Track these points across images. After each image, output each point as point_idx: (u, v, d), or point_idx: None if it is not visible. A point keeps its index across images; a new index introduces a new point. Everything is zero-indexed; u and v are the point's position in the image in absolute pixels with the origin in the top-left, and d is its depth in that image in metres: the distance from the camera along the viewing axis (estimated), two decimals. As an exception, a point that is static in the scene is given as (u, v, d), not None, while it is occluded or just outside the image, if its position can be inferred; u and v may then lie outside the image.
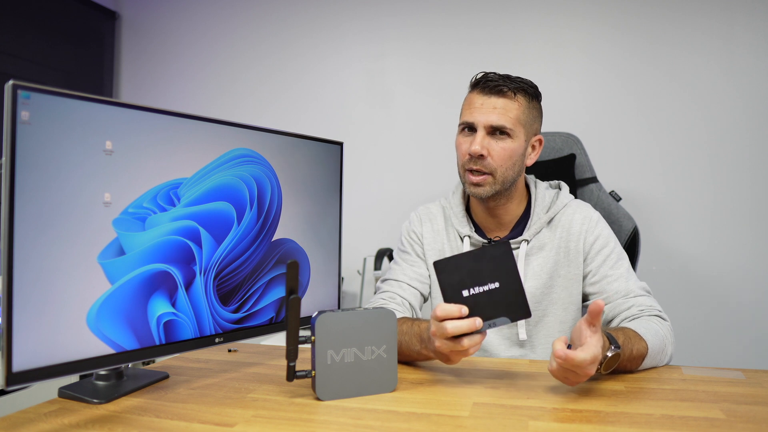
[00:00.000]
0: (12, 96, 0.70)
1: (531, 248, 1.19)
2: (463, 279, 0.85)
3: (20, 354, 0.71)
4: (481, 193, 1.15)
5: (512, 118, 1.13)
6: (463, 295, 0.85)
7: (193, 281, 0.94)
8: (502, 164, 1.14)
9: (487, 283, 0.85)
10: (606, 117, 2.24)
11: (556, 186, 1.30)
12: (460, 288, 0.85)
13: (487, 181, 1.14)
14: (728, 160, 2.13)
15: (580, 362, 0.79)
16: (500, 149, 1.13)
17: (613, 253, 1.17)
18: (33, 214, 0.73)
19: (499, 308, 0.86)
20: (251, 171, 1.03)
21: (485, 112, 1.13)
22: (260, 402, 0.84)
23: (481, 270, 0.86)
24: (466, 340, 0.85)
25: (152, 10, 2.80)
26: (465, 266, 0.85)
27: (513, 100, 1.13)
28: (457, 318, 0.84)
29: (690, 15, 2.15)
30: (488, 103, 1.13)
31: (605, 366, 0.88)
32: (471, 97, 1.17)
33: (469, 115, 1.14)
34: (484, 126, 1.13)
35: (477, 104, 1.14)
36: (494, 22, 2.35)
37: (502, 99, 1.13)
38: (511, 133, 1.13)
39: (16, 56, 2.42)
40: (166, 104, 1.41)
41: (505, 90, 1.13)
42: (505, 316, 0.86)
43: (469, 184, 1.16)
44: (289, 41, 2.61)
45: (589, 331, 0.83)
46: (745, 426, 0.73)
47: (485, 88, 1.14)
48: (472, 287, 0.85)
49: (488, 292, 0.85)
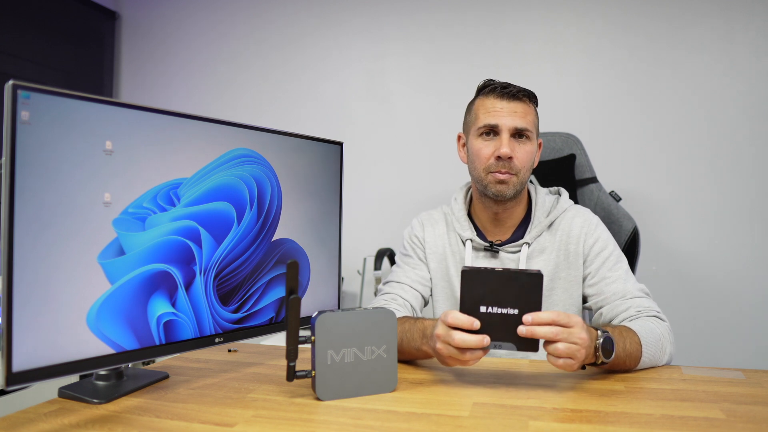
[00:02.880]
0: (12, 96, 0.70)
1: (532, 251, 1.20)
2: (485, 295, 0.85)
3: (20, 354, 0.71)
4: (507, 191, 1.16)
5: (531, 121, 1.16)
6: (480, 310, 0.85)
7: (193, 281, 0.94)
8: (525, 165, 1.16)
9: (507, 306, 0.85)
10: (606, 117, 2.24)
11: (555, 192, 1.31)
12: (479, 303, 0.85)
13: (512, 181, 1.16)
14: (728, 160, 2.13)
15: (549, 317, 0.82)
16: (524, 152, 1.16)
17: (612, 256, 1.18)
18: (33, 214, 0.73)
19: (510, 334, 0.85)
20: (251, 171, 1.03)
21: (509, 116, 1.14)
22: (260, 402, 0.84)
23: (506, 292, 0.85)
24: (468, 353, 0.85)
25: (152, 10, 2.80)
26: (491, 283, 0.85)
27: (528, 105, 1.17)
28: (467, 330, 0.85)
29: (690, 14, 2.15)
30: (509, 107, 1.15)
31: (603, 352, 0.88)
32: (488, 102, 1.17)
33: (493, 119, 1.15)
34: (509, 129, 1.14)
35: (498, 108, 1.15)
36: (494, 21, 2.35)
37: (521, 104, 1.16)
38: (531, 136, 1.17)
39: (16, 56, 2.42)
40: (166, 104, 1.41)
41: (521, 96, 1.16)
42: (513, 344, 0.85)
43: (495, 183, 1.16)
44: (289, 41, 2.61)
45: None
46: (745, 426, 0.73)
47: (504, 93, 1.16)
48: (491, 306, 0.85)
49: (504, 316, 0.85)
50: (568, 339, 0.83)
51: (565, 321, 0.84)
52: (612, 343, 0.90)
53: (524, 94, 1.17)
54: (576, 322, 0.85)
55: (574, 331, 0.84)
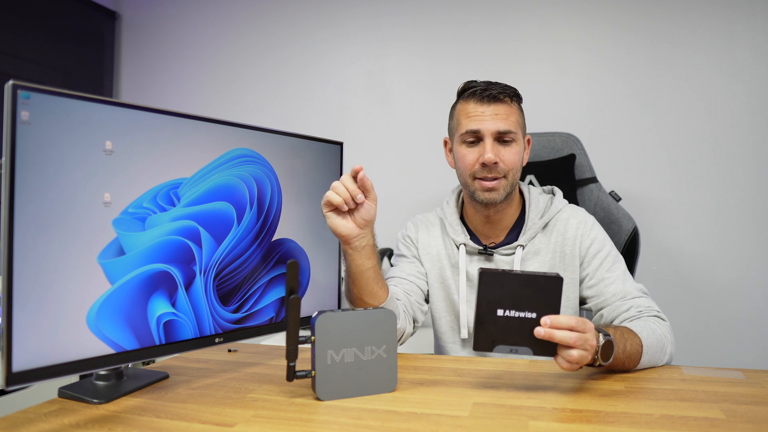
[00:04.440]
0: (12, 96, 0.70)
1: (526, 253, 1.19)
2: (502, 298, 0.84)
3: (20, 354, 0.71)
4: (495, 198, 1.15)
5: (514, 122, 1.15)
6: (497, 313, 0.84)
7: (193, 281, 0.94)
8: (512, 167, 1.15)
9: (525, 310, 0.84)
10: (606, 117, 2.24)
11: (549, 191, 1.30)
12: (496, 306, 0.84)
13: (501, 185, 1.15)
14: (729, 159, 2.13)
15: (565, 321, 0.82)
16: (510, 154, 1.15)
17: (609, 256, 1.17)
18: (33, 213, 0.73)
19: (527, 339, 0.84)
20: (251, 171, 1.03)
21: (491, 120, 1.13)
22: (260, 402, 0.84)
23: (525, 296, 0.84)
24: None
25: (152, 10, 2.80)
26: (510, 286, 0.84)
27: (510, 105, 1.15)
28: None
29: (690, 14, 2.15)
30: (490, 110, 1.13)
31: (602, 354, 0.88)
32: (468, 107, 1.16)
33: (475, 124, 1.14)
34: (491, 133, 1.13)
35: (479, 112, 1.14)
36: (494, 21, 2.35)
37: (502, 105, 1.14)
38: (515, 137, 1.15)
39: (16, 56, 2.42)
40: (166, 104, 1.41)
41: (502, 97, 1.14)
42: (530, 348, 0.85)
43: (481, 191, 1.15)
44: (289, 41, 2.61)
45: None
46: (745, 426, 0.73)
47: (483, 96, 1.14)
48: (509, 309, 0.84)
49: (522, 320, 0.84)
50: (582, 346, 0.83)
51: (582, 327, 0.83)
52: (612, 347, 0.90)
53: (506, 95, 1.14)
54: (589, 329, 0.85)
55: (588, 337, 0.84)
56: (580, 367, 0.87)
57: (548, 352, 0.84)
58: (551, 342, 0.83)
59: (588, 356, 0.85)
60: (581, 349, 0.83)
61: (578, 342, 0.82)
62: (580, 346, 0.83)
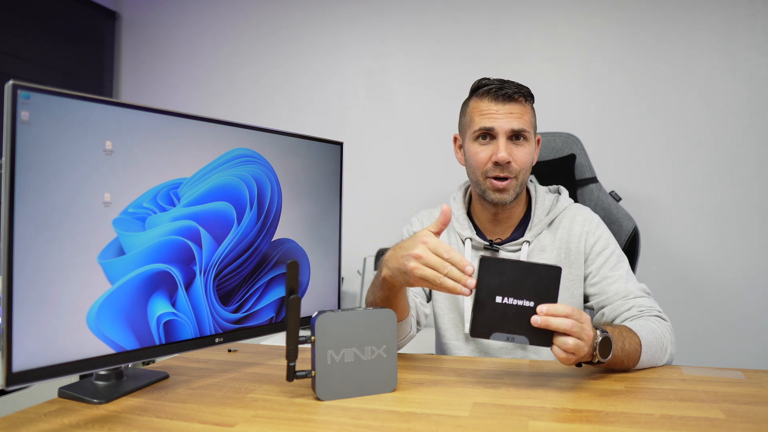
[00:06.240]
0: (12, 96, 0.70)
1: (532, 250, 1.20)
2: (502, 285, 0.84)
3: (20, 354, 0.71)
4: (506, 198, 1.16)
5: (527, 121, 1.15)
6: (495, 300, 0.84)
7: (193, 281, 0.94)
8: (524, 167, 1.16)
9: (524, 298, 0.84)
10: (606, 117, 2.24)
11: (555, 190, 1.31)
12: (495, 293, 0.84)
13: (512, 186, 1.15)
14: (729, 160, 2.13)
15: (562, 309, 0.82)
16: (522, 153, 1.15)
17: (613, 255, 1.18)
18: (33, 214, 0.73)
19: (524, 327, 0.84)
20: (251, 171, 1.03)
21: (505, 118, 1.13)
22: (260, 402, 0.84)
23: (524, 284, 0.84)
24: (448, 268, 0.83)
25: (152, 10, 2.80)
26: (509, 273, 0.84)
27: (524, 105, 1.16)
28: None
29: (691, 14, 2.15)
30: (504, 109, 1.13)
31: (600, 351, 0.88)
32: (483, 104, 1.16)
33: (488, 122, 1.14)
34: (505, 132, 1.13)
35: (493, 110, 1.14)
36: (494, 20, 2.35)
37: (516, 104, 1.14)
38: (528, 137, 1.15)
39: (16, 56, 2.42)
40: (166, 104, 1.41)
41: (516, 96, 1.14)
42: (526, 336, 0.85)
43: (493, 190, 1.15)
44: (289, 41, 2.61)
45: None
46: (745, 426, 0.73)
47: (498, 95, 1.14)
48: (508, 297, 0.84)
49: (520, 308, 0.84)
50: (578, 334, 0.83)
51: (578, 316, 0.84)
52: (610, 343, 0.90)
53: (520, 94, 1.15)
54: (586, 319, 0.85)
55: (584, 326, 0.84)
56: (577, 360, 0.86)
57: (545, 342, 0.85)
58: (548, 332, 0.84)
59: (584, 347, 0.84)
60: (577, 337, 0.83)
61: (574, 328, 0.82)
62: (576, 334, 0.83)
